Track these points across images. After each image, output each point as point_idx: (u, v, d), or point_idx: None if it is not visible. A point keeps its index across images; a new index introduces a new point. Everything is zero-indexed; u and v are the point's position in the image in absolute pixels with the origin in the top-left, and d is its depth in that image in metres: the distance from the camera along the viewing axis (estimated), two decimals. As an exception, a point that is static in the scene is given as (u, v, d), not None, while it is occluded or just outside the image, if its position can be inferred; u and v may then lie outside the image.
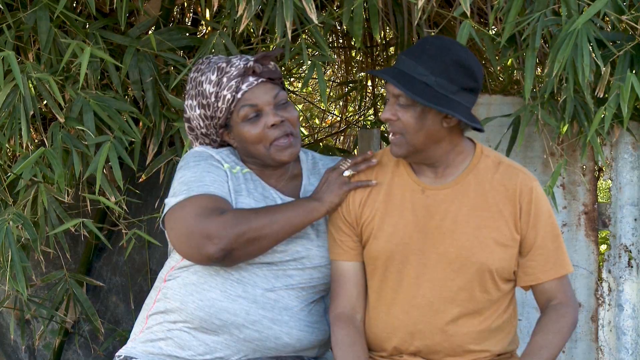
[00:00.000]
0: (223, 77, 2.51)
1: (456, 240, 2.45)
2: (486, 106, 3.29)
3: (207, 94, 2.52)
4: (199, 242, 2.38)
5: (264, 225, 2.42)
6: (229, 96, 2.51)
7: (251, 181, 2.57)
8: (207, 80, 2.53)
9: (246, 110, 2.51)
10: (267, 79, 2.53)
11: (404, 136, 2.42)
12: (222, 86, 2.51)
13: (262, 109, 2.52)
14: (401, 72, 2.39)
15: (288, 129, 2.53)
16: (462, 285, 2.46)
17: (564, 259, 2.51)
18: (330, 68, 5.11)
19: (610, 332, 3.23)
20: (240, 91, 2.51)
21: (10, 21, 3.09)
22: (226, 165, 2.55)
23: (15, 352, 4.00)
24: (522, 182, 2.49)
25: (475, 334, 2.48)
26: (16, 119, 2.98)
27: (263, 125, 2.51)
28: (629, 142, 3.19)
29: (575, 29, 2.72)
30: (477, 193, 2.48)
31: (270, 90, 2.53)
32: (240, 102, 2.51)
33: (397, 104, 2.41)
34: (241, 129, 2.53)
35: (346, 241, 2.53)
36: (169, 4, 3.47)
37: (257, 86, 2.52)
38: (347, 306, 2.53)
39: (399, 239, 2.48)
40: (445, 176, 2.50)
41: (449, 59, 2.38)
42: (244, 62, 2.53)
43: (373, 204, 2.52)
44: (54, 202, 3.17)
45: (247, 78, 2.51)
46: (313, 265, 2.55)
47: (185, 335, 2.49)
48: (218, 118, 2.54)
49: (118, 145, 3.06)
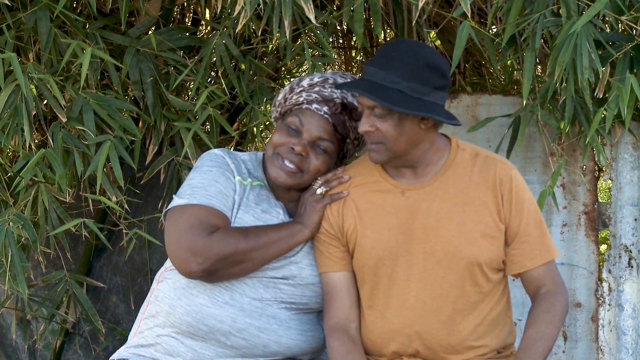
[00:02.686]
0: (316, 87, 2.54)
1: (441, 237, 2.45)
2: (486, 106, 3.29)
3: (299, 85, 2.56)
4: (184, 255, 2.41)
5: (251, 248, 2.44)
6: (301, 100, 2.54)
7: (259, 195, 2.57)
8: (312, 77, 2.57)
9: (295, 120, 2.53)
10: (332, 123, 2.54)
11: (384, 144, 2.43)
12: (310, 91, 2.54)
13: (302, 133, 2.53)
14: (372, 83, 2.39)
15: (301, 164, 2.53)
16: (453, 282, 2.46)
17: (549, 244, 2.51)
18: (331, 68, 5.11)
19: (611, 332, 3.23)
20: (308, 106, 2.53)
21: (10, 21, 3.09)
22: (237, 178, 2.55)
23: (16, 352, 4.00)
24: (500, 171, 2.49)
25: (472, 328, 2.48)
26: (18, 119, 2.98)
27: (290, 143, 2.53)
28: (629, 142, 3.19)
29: (575, 31, 2.72)
30: (458, 188, 2.48)
31: (323, 130, 2.53)
32: (299, 112, 2.54)
33: (372, 115, 2.41)
34: (278, 129, 2.57)
35: (334, 252, 2.54)
36: (169, 4, 3.47)
37: (320, 117, 2.53)
38: (341, 316, 2.53)
39: (385, 243, 2.48)
40: (424, 175, 2.50)
41: (418, 63, 2.38)
42: (340, 95, 2.54)
43: (351, 212, 2.52)
44: (55, 202, 3.17)
45: (323, 104, 2.53)
46: (305, 283, 2.55)
47: (173, 341, 2.50)
48: (284, 106, 2.58)
49: (118, 144, 3.06)
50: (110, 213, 3.50)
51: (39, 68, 3.05)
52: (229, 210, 2.49)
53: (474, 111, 3.31)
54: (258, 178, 2.60)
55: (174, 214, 2.47)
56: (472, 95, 3.36)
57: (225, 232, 2.43)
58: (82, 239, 3.80)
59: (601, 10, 2.75)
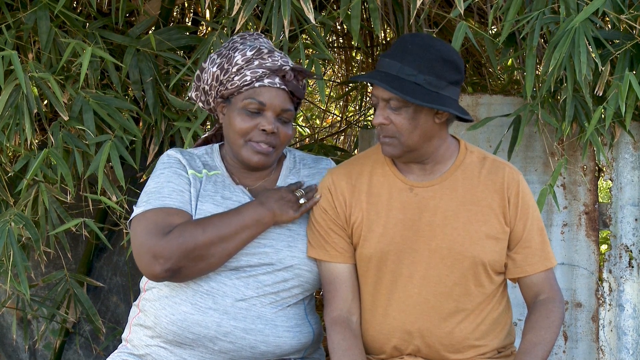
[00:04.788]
0: (255, 60, 2.50)
1: (448, 235, 2.46)
2: (487, 106, 3.29)
3: (232, 63, 2.51)
4: (147, 260, 2.41)
5: (211, 241, 2.42)
6: (248, 78, 2.50)
7: (216, 184, 2.56)
8: (242, 52, 2.52)
9: (252, 102, 2.50)
10: (289, 91, 2.53)
11: (397, 138, 2.42)
12: (250, 67, 2.50)
13: (265, 110, 2.51)
14: (388, 75, 2.39)
15: (274, 141, 2.53)
16: (456, 281, 2.46)
17: (549, 251, 2.53)
18: (331, 68, 5.11)
19: (611, 332, 3.23)
20: (260, 82, 2.50)
21: (10, 21, 3.09)
22: (190, 172, 2.54)
23: (16, 352, 4.00)
24: (508, 175, 2.51)
25: (473, 328, 2.49)
26: (19, 118, 2.98)
27: (256, 124, 2.51)
28: (630, 142, 3.19)
29: (572, 27, 2.72)
30: (466, 188, 2.48)
31: (284, 101, 2.53)
32: (252, 91, 2.51)
33: (387, 107, 2.41)
34: (236, 115, 2.53)
35: (339, 243, 2.53)
36: (168, 4, 3.47)
37: (277, 90, 2.52)
38: (343, 309, 2.53)
39: (390, 238, 2.48)
40: (433, 173, 2.50)
41: (434, 56, 2.38)
42: (283, 61, 2.53)
43: (359, 205, 2.52)
44: (55, 202, 3.17)
45: (274, 76, 2.51)
46: (284, 266, 2.52)
47: (163, 351, 2.50)
48: (226, 88, 2.54)
49: (119, 144, 3.06)
50: (111, 213, 3.50)
51: (39, 67, 3.05)
52: (187, 204, 2.49)
53: (474, 111, 3.30)
54: (215, 168, 2.59)
55: (133, 224, 2.49)
56: (472, 95, 3.36)
57: (183, 228, 2.42)
58: (82, 238, 3.80)
59: (600, 8, 2.75)
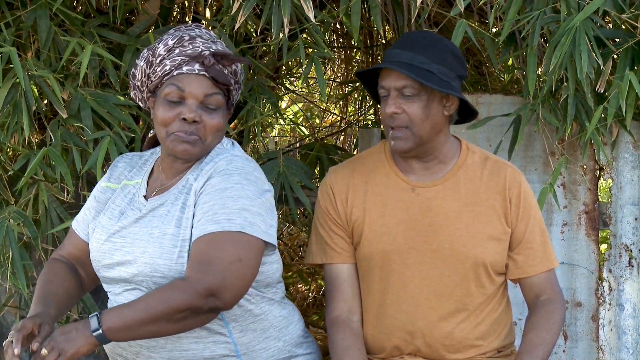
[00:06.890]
0: (176, 49, 2.39)
1: (449, 235, 2.45)
2: (487, 105, 3.29)
3: (156, 54, 2.42)
4: None
5: None
6: (167, 68, 2.39)
7: (128, 195, 2.49)
8: (164, 42, 2.42)
9: (172, 89, 2.38)
10: (210, 77, 2.39)
11: (409, 129, 2.41)
12: (170, 56, 2.40)
13: (186, 98, 2.38)
14: (402, 63, 2.38)
15: (199, 132, 2.39)
16: (457, 281, 2.46)
17: (550, 253, 2.54)
18: (331, 67, 5.11)
19: (611, 332, 3.23)
20: (179, 70, 2.39)
21: (9, 19, 3.09)
22: (104, 184, 2.55)
23: (16, 351, 3.99)
24: (510, 176, 2.51)
25: (473, 328, 2.49)
26: (18, 115, 2.97)
27: (178, 113, 2.38)
28: (630, 142, 3.19)
29: (573, 26, 2.71)
30: (468, 189, 2.48)
31: (205, 87, 2.38)
32: (172, 79, 2.39)
33: (399, 97, 2.40)
34: (159, 106, 2.41)
35: (339, 242, 2.53)
36: (168, 4, 3.47)
37: (196, 76, 2.38)
38: (344, 309, 2.52)
39: (392, 238, 2.47)
40: (435, 173, 2.50)
41: (444, 49, 2.41)
42: (204, 47, 2.41)
43: (360, 204, 2.52)
44: (55, 201, 3.17)
45: (194, 63, 2.39)
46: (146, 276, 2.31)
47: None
48: (151, 81, 2.44)
49: (118, 140, 3.05)
50: (110, 212, 3.49)
51: (39, 65, 3.05)
52: (85, 223, 2.57)
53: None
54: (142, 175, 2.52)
55: None
56: (472, 95, 3.36)
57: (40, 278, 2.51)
58: (82, 238, 3.79)
59: (601, 7, 2.75)
